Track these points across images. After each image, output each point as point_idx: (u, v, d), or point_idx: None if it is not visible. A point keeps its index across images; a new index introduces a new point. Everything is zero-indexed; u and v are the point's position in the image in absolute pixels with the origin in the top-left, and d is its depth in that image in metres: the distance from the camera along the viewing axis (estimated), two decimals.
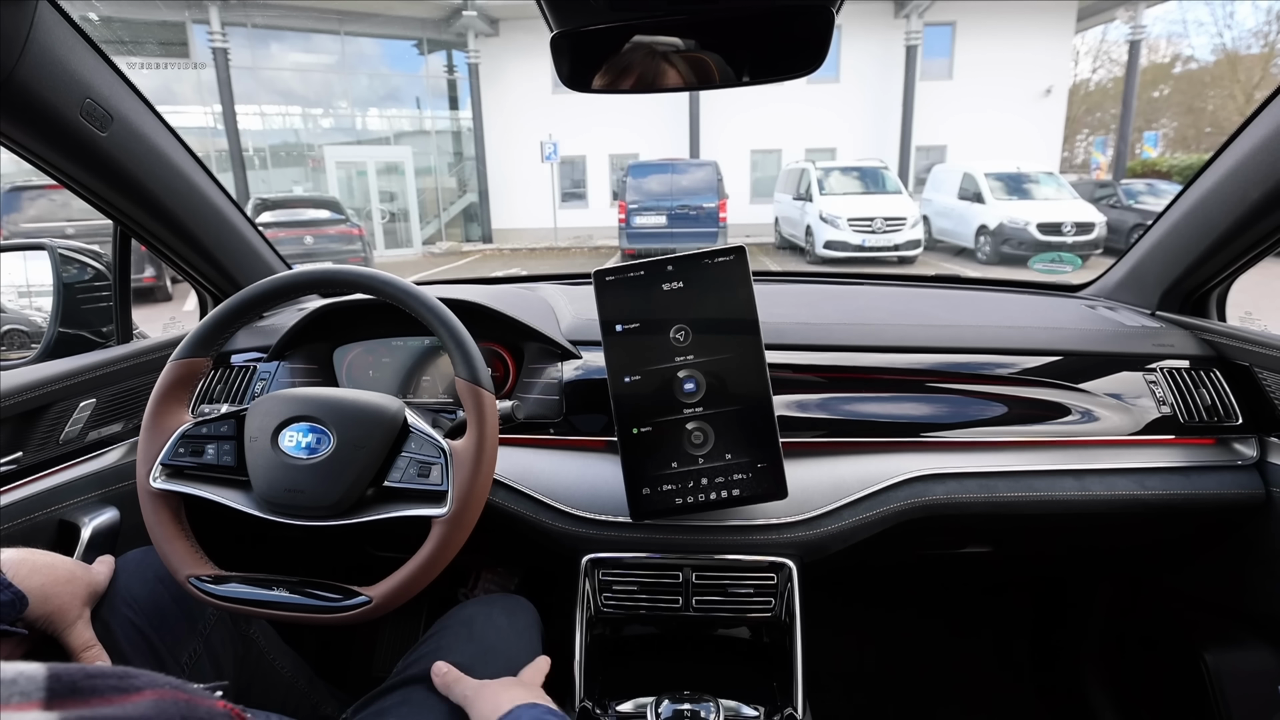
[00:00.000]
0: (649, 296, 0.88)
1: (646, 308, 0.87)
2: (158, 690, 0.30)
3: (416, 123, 16.07)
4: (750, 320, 0.87)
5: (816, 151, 14.79)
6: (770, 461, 0.86)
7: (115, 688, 0.29)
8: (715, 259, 0.88)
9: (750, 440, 0.86)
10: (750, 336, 0.87)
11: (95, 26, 10.90)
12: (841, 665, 1.55)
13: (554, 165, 13.97)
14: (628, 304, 0.88)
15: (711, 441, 0.86)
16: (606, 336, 0.87)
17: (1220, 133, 14.32)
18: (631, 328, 0.87)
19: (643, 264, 0.88)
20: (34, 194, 7.15)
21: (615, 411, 0.87)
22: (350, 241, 10.02)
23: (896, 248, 10.22)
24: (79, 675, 0.28)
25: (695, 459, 0.86)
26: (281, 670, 0.92)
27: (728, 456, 0.86)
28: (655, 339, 0.87)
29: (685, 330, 0.87)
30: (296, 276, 0.82)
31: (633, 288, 0.88)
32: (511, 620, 0.87)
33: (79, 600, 0.71)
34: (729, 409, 0.86)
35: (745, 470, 0.86)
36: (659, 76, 0.75)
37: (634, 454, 0.86)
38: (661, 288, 0.87)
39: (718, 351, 0.87)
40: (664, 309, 0.87)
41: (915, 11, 13.84)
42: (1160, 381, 1.06)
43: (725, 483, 0.86)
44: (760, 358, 0.87)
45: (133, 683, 0.29)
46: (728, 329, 0.87)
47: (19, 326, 1.52)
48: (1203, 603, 1.20)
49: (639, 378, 0.87)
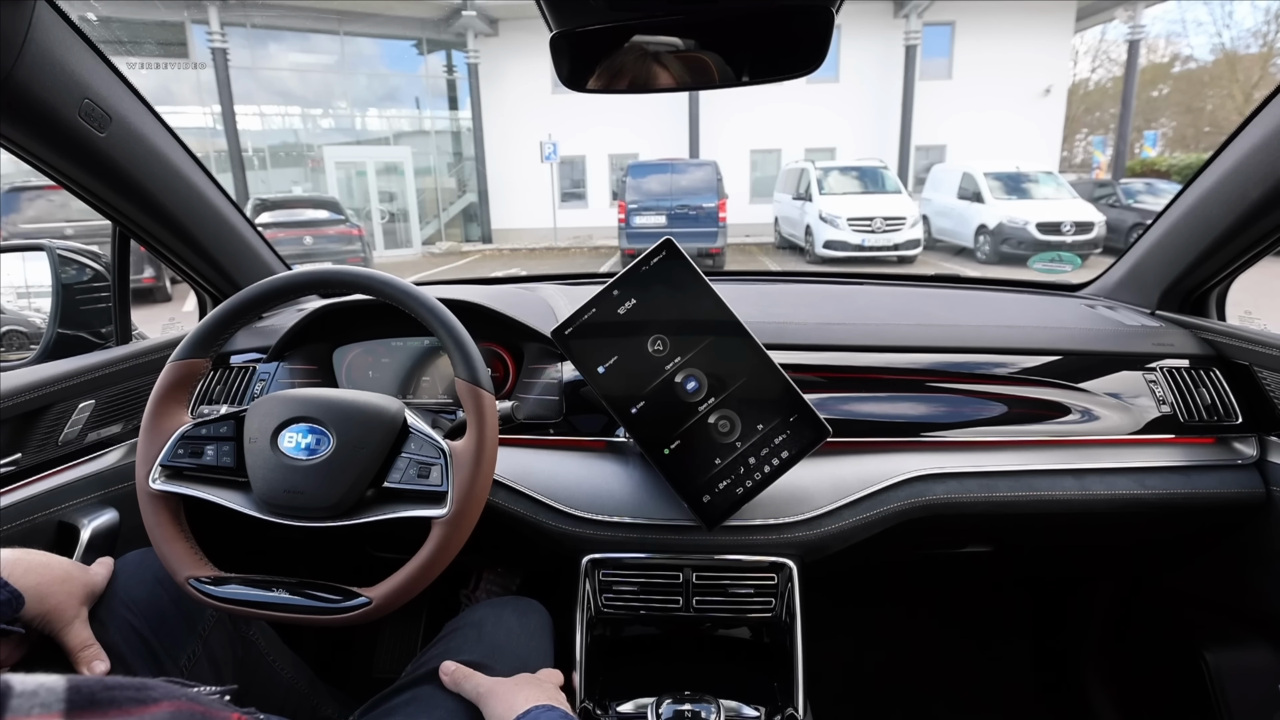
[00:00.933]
0: (611, 327, 0.88)
1: (615, 339, 0.88)
2: (175, 702, 0.30)
3: (416, 123, 16.06)
4: (710, 298, 0.88)
5: (816, 151, 14.78)
6: (799, 410, 0.86)
7: (133, 699, 0.29)
8: (651, 262, 0.89)
9: (772, 403, 0.86)
10: (720, 313, 0.88)
11: (94, 26, 10.89)
12: (842, 665, 1.55)
13: (553, 165, 13.96)
14: (596, 344, 0.88)
15: (738, 423, 0.86)
16: (594, 382, 0.88)
17: (1219, 132, 14.34)
18: (612, 363, 0.88)
19: (591, 301, 0.89)
20: (33, 195, 7.14)
21: (638, 441, 0.87)
22: (350, 242, 10.01)
23: (896, 247, 10.22)
24: (97, 687, 0.29)
25: (733, 446, 0.86)
26: (281, 672, 0.92)
27: (759, 428, 0.86)
28: (638, 361, 0.88)
29: (661, 339, 0.88)
30: (296, 277, 0.82)
31: (593, 328, 0.89)
32: (523, 622, 0.87)
33: (76, 599, 0.71)
34: (737, 385, 0.87)
35: (782, 430, 0.86)
36: (658, 76, 0.74)
37: (676, 471, 0.87)
38: (618, 313, 0.88)
39: (699, 341, 0.88)
40: (631, 330, 0.88)
41: (914, 11, 13.84)
42: (1160, 381, 1.06)
43: (771, 451, 0.86)
44: (738, 325, 0.88)
45: (150, 694, 0.30)
46: (696, 316, 0.88)
47: (18, 327, 1.52)
48: (1203, 601, 1.20)
49: (643, 403, 0.87)
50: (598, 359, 0.88)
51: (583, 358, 0.89)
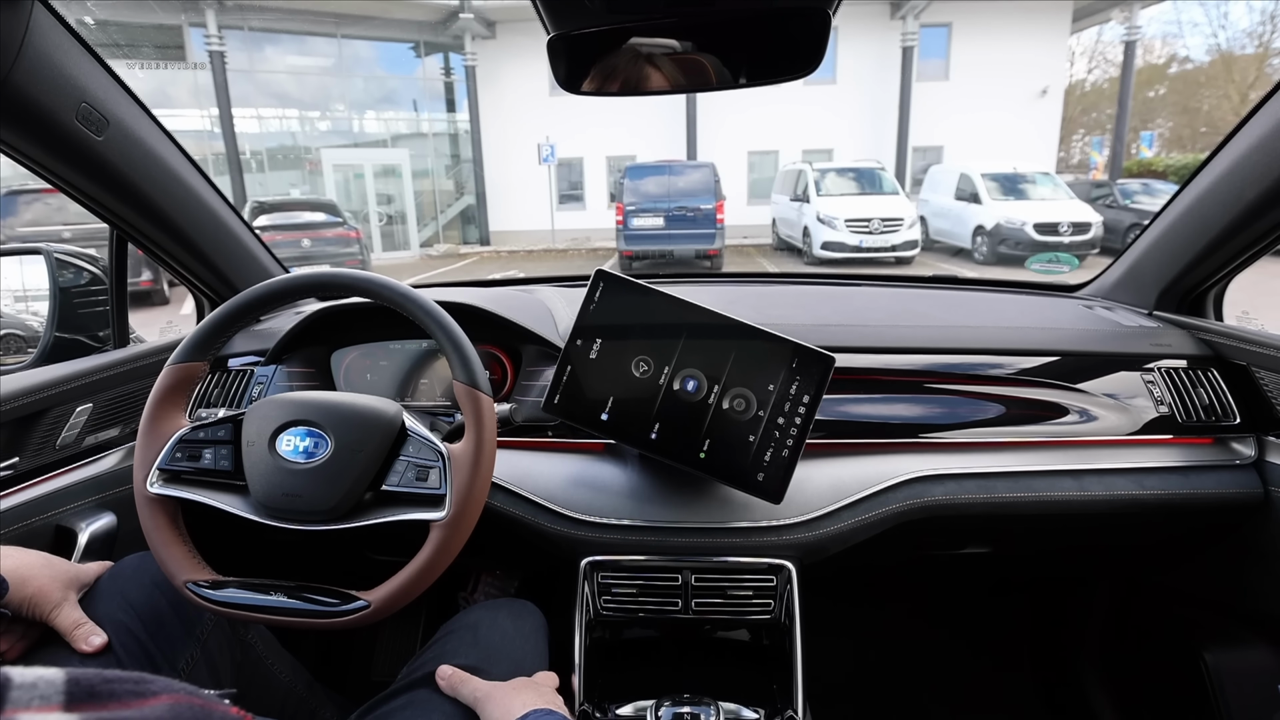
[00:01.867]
0: (592, 375, 0.89)
1: (602, 383, 0.89)
2: (173, 695, 0.30)
3: (414, 125, 16.06)
4: (662, 301, 0.88)
5: (813, 152, 14.79)
6: (796, 352, 0.86)
7: (132, 692, 0.29)
8: (595, 299, 0.89)
9: (768, 361, 0.86)
10: (678, 310, 0.88)
11: (91, 30, 10.87)
12: (842, 667, 1.55)
13: (551, 167, 13.96)
14: (587, 399, 0.89)
15: (750, 396, 0.86)
16: (605, 430, 0.88)
17: (1216, 132, 14.35)
18: (611, 405, 0.88)
19: (561, 363, 0.89)
20: (30, 198, 7.12)
21: (672, 460, 0.87)
22: (347, 244, 10.00)
23: (894, 248, 10.22)
24: (96, 680, 0.29)
25: (757, 418, 0.86)
26: (280, 675, 0.92)
27: (770, 389, 0.86)
28: (633, 389, 0.88)
29: (644, 360, 0.88)
30: (293, 280, 0.82)
31: (576, 385, 0.89)
32: (517, 624, 0.87)
33: (59, 584, 0.71)
34: (730, 363, 0.87)
35: (791, 380, 0.86)
36: (656, 79, 0.75)
37: (720, 469, 0.87)
38: (591, 359, 0.89)
39: (676, 343, 0.88)
40: (611, 369, 0.89)
41: (911, 13, 13.88)
42: (1158, 381, 1.06)
43: (792, 403, 0.85)
44: (699, 309, 0.88)
45: (149, 687, 0.30)
46: (660, 321, 0.88)
47: (15, 331, 1.51)
48: (1202, 602, 1.20)
49: (658, 424, 0.87)
50: (597, 410, 0.89)
51: (583, 418, 0.89)
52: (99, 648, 0.70)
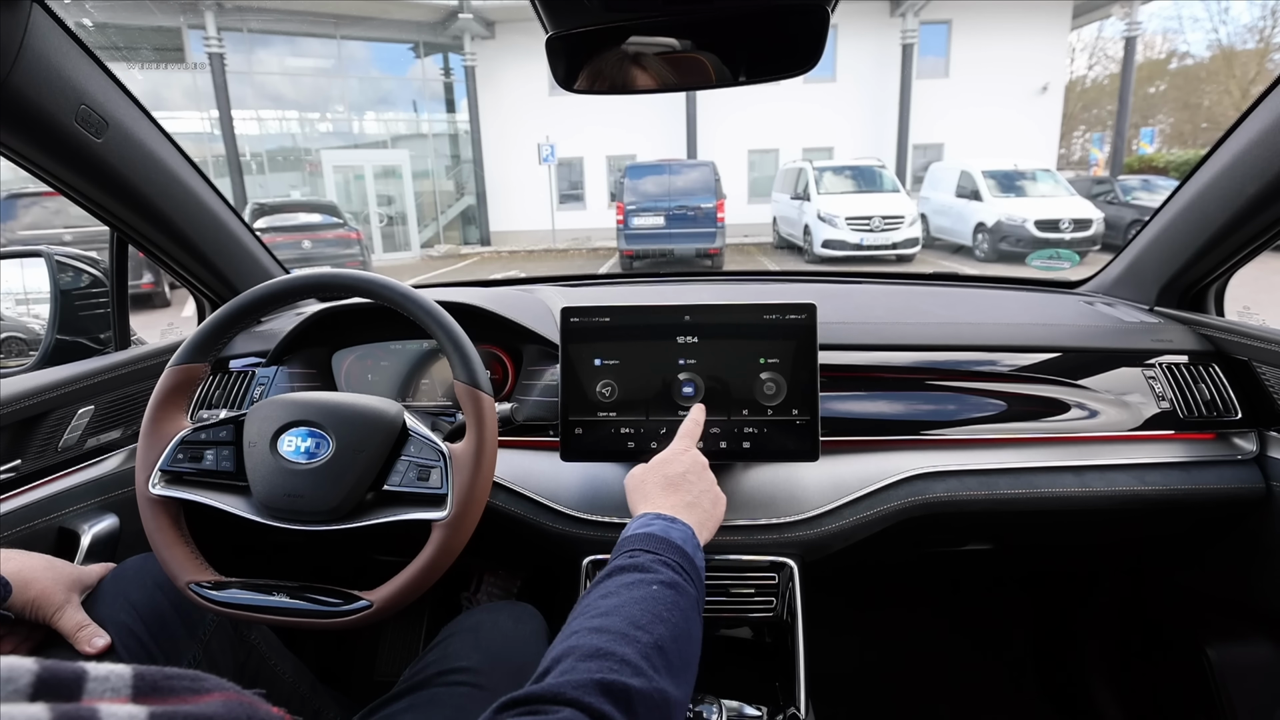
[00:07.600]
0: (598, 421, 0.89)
1: (615, 423, 0.89)
2: (225, 693, 0.34)
3: (413, 126, 16.07)
4: (616, 310, 0.89)
5: (814, 151, 14.78)
6: (772, 311, 0.88)
7: (189, 688, 0.33)
8: (563, 341, 0.90)
9: (751, 331, 0.89)
10: (637, 318, 0.89)
11: (89, 32, 10.88)
12: (844, 664, 1.55)
13: (551, 167, 13.96)
14: (603, 444, 0.90)
15: (774, 371, 0.89)
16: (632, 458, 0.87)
17: (1216, 128, 14.32)
18: (630, 435, 0.89)
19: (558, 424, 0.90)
20: (30, 201, 7.13)
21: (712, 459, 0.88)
22: (348, 245, 10.01)
23: (894, 246, 10.21)
24: (159, 676, 0.32)
25: (781, 388, 0.88)
26: (283, 676, 0.92)
27: (775, 360, 0.89)
28: (650, 409, 0.89)
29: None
30: (294, 281, 0.82)
31: (590, 433, 0.89)
32: (518, 627, 0.87)
33: (62, 585, 0.71)
34: (715, 344, 0.89)
35: (790, 337, 0.88)
36: (655, 77, 0.75)
37: (778, 446, 0.88)
38: (599, 385, 0.90)
39: (643, 359, 0.89)
40: (616, 402, 0.89)
41: (911, 10, 13.85)
42: (1159, 377, 1.06)
43: (799, 357, 0.88)
44: (650, 310, 0.89)
45: (204, 684, 0.34)
46: (634, 340, 0.89)
47: (17, 334, 1.51)
48: (1205, 597, 1.20)
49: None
50: (620, 443, 0.89)
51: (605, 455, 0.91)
52: (102, 650, 0.70)
